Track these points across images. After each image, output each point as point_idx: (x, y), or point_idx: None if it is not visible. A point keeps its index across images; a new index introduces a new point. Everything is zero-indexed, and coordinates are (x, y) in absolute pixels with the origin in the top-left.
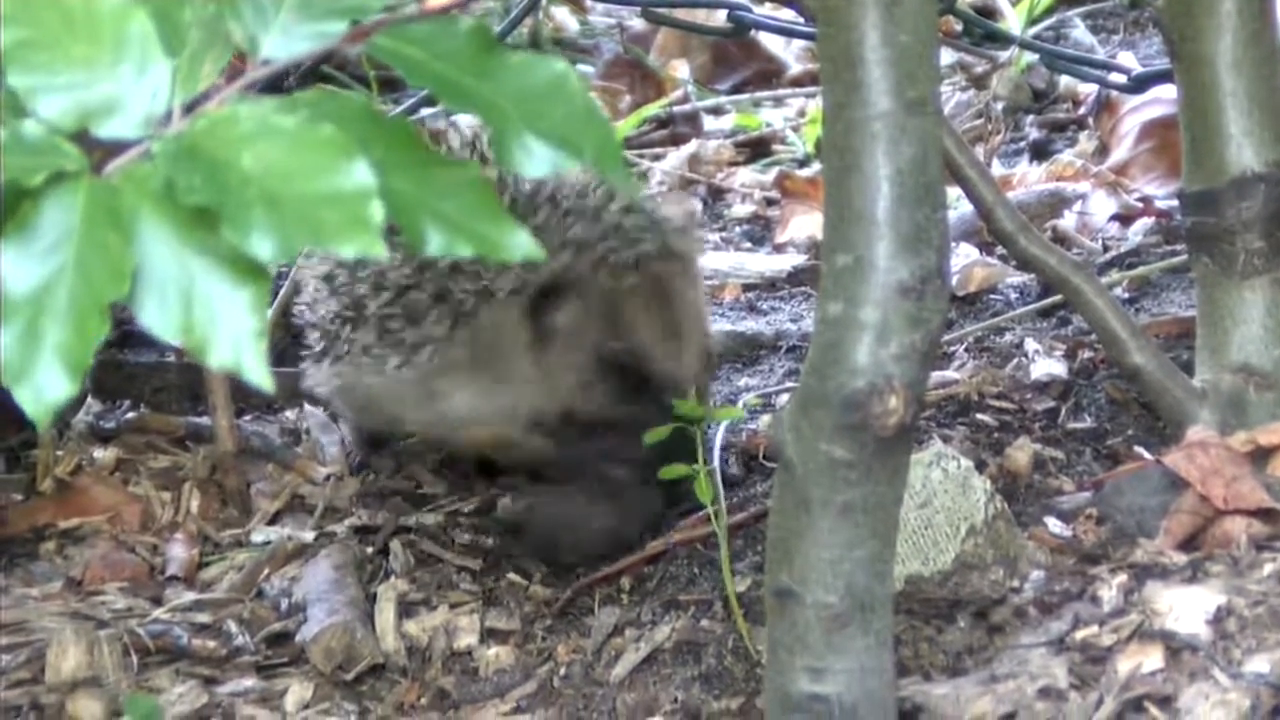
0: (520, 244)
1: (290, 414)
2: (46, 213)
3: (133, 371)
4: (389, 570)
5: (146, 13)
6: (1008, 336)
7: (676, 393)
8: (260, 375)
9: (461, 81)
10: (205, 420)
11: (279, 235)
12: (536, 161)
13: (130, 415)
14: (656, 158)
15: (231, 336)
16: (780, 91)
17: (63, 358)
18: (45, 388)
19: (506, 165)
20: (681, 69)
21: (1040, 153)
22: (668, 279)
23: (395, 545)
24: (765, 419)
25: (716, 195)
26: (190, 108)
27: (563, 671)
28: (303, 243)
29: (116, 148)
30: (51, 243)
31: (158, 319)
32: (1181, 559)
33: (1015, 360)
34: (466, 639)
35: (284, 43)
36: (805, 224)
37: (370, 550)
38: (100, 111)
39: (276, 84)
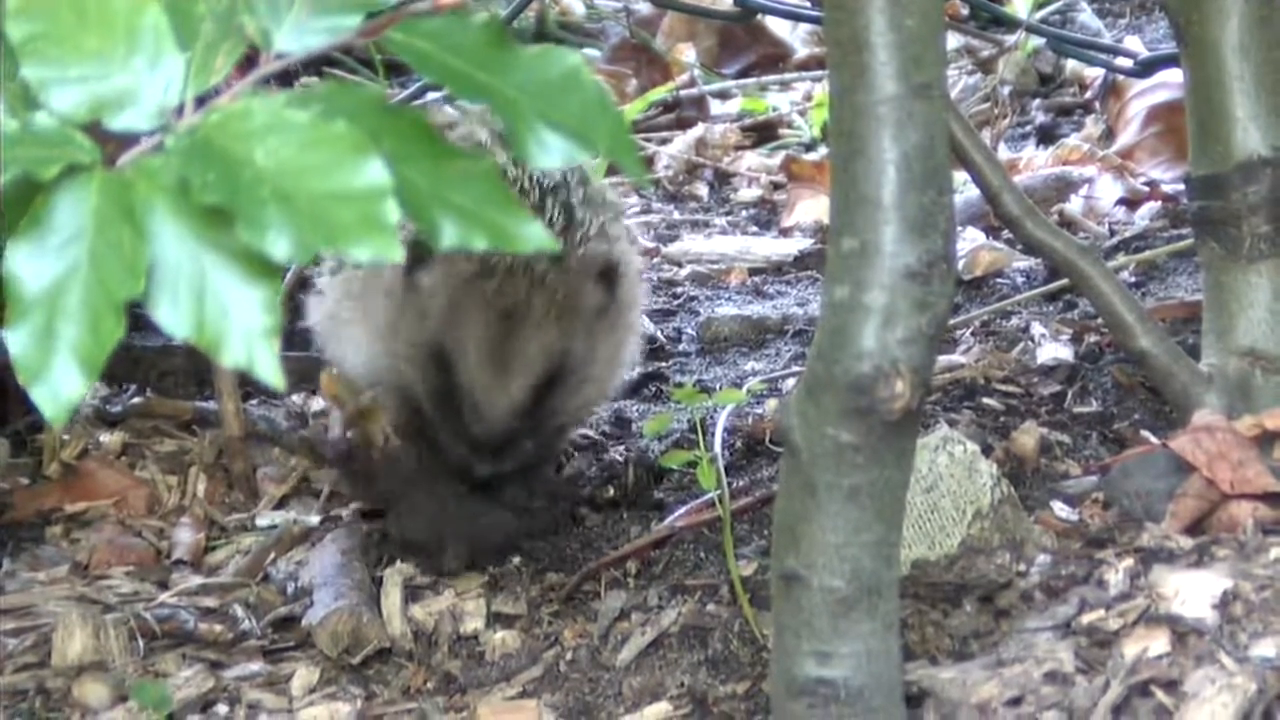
0: (533, 234)
1: (297, 398)
2: (60, 207)
3: (139, 356)
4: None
5: (160, 6)
6: (1014, 320)
7: (477, 422)
8: (272, 373)
9: (474, 75)
10: (212, 405)
11: (294, 235)
12: (550, 153)
13: (137, 400)
14: (663, 141)
15: (244, 334)
16: (787, 75)
17: (78, 357)
18: (62, 387)
19: (521, 157)
20: (688, 53)
21: (1047, 137)
22: (531, 310)
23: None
24: (771, 403)
25: (723, 179)
26: (203, 101)
27: (569, 655)
28: (318, 244)
29: (129, 140)
30: (65, 238)
31: (170, 315)
32: (1188, 543)
33: (1021, 344)
34: (473, 623)
35: (297, 37)
36: (811, 208)
37: (377, 535)
38: (113, 104)
39: (284, 70)
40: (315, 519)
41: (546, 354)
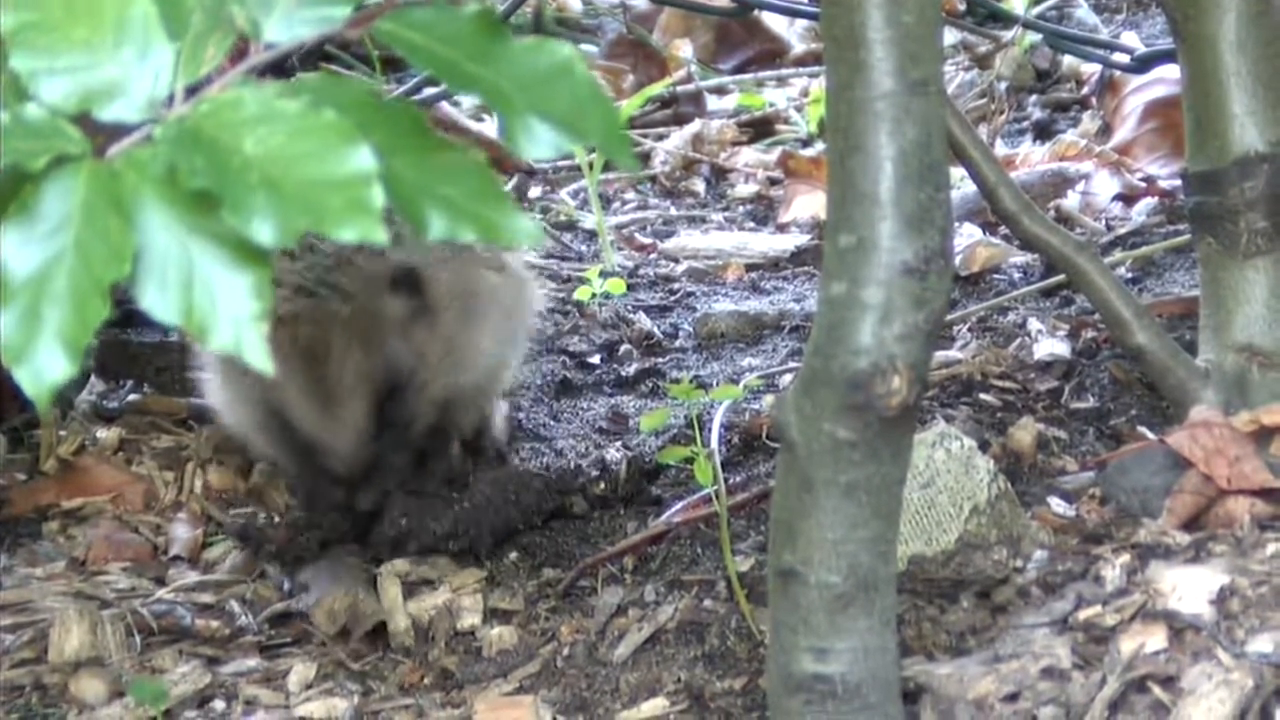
0: (521, 227)
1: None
2: (48, 196)
3: (136, 352)
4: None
5: None
6: (1011, 316)
7: (334, 460)
8: (260, 358)
9: (465, 66)
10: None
11: (280, 219)
12: (541, 144)
13: (133, 395)
14: (660, 137)
15: (231, 319)
16: (784, 71)
17: (62, 339)
18: (45, 369)
19: (512, 148)
20: (685, 48)
21: (1044, 132)
22: (332, 343)
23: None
24: (768, 399)
25: (720, 175)
26: (193, 91)
27: (566, 651)
28: (303, 226)
29: (118, 131)
30: (52, 226)
31: (158, 301)
32: (1185, 539)
33: (1018, 340)
34: (470, 619)
35: (286, 26)
36: (808, 204)
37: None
38: (102, 95)
39: (280, 65)
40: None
41: (363, 378)
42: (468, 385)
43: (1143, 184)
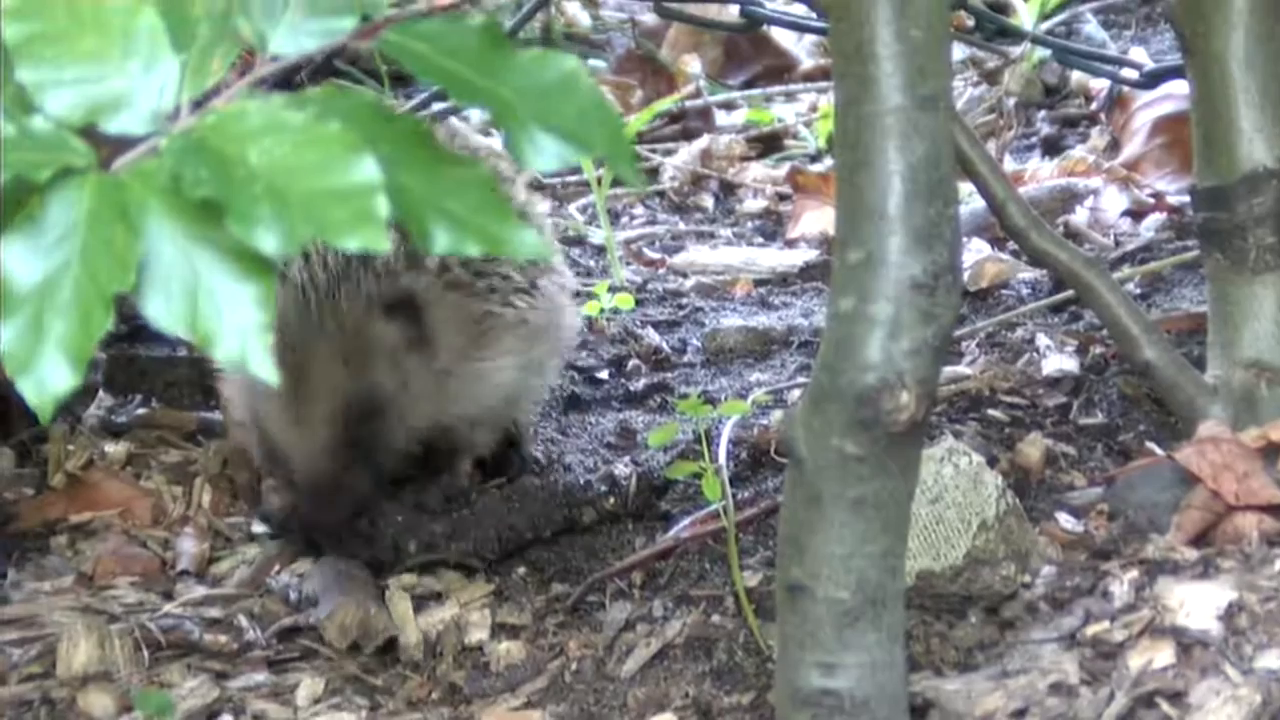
0: (526, 242)
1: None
2: (52, 207)
3: (144, 366)
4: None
5: (155, 8)
6: (1019, 332)
7: (297, 473)
8: (265, 369)
9: (471, 78)
10: (216, 415)
11: (284, 229)
12: (546, 156)
13: (141, 410)
14: (668, 152)
15: (237, 330)
16: (792, 86)
17: (66, 350)
18: (48, 379)
19: (517, 161)
20: (693, 64)
21: (1052, 148)
22: (313, 358)
23: (410, 546)
24: (777, 414)
25: (728, 190)
26: (199, 104)
27: (574, 666)
28: (308, 237)
29: (124, 143)
30: (57, 237)
31: (163, 312)
32: (1193, 554)
33: (1027, 356)
34: (478, 634)
35: (292, 39)
36: (817, 219)
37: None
38: (108, 107)
39: (288, 80)
40: None
41: (338, 397)
42: (473, 413)
43: (1151, 200)
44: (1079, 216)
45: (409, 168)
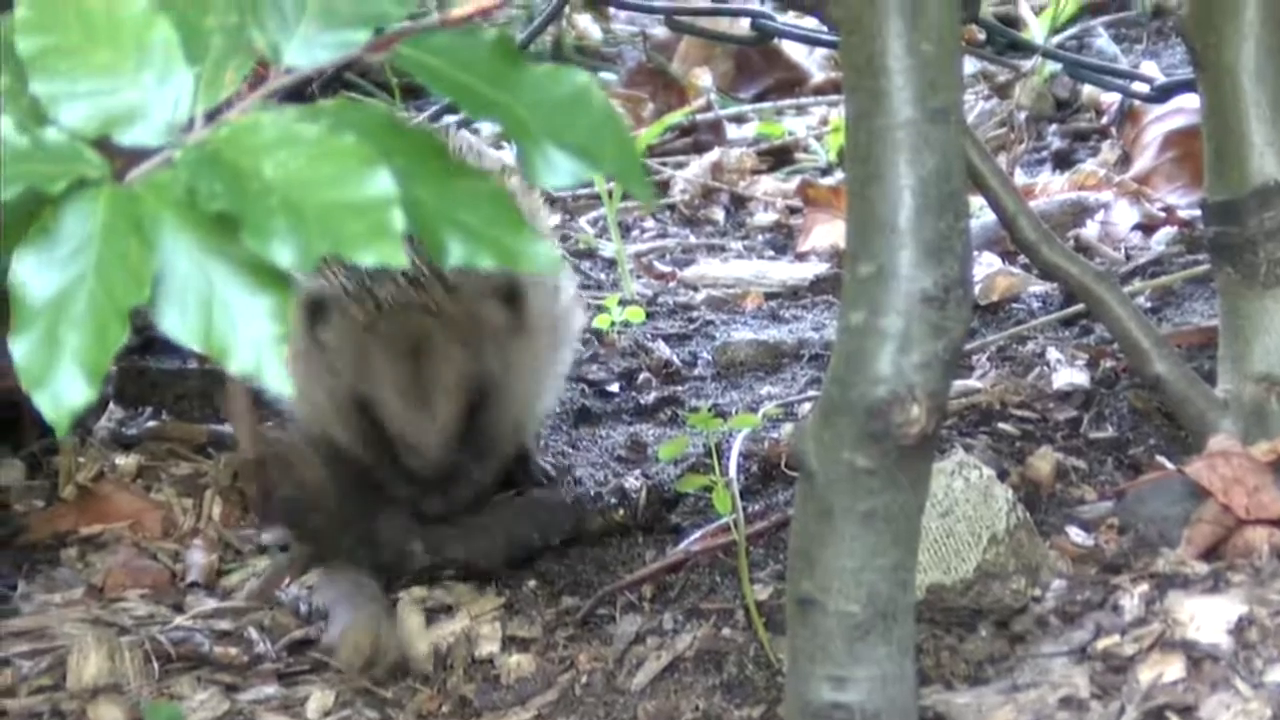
0: (541, 253)
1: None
2: (67, 219)
3: (155, 379)
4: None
5: (169, 20)
6: (1030, 345)
7: (413, 460)
8: (280, 381)
9: (484, 92)
10: (227, 427)
11: (299, 243)
12: (558, 172)
13: (152, 422)
14: (679, 166)
15: (252, 342)
16: (803, 100)
17: (82, 363)
18: (64, 393)
19: (529, 176)
20: (704, 77)
21: (1063, 162)
22: (434, 339)
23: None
24: (787, 428)
25: (739, 203)
26: (212, 116)
27: (584, 680)
28: (323, 250)
29: (138, 155)
30: (72, 250)
31: (178, 325)
32: (1203, 568)
33: (1037, 369)
34: (488, 647)
35: (306, 51)
36: (827, 232)
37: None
38: (122, 119)
39: (300, 92)
40: None
41: (461, 379)
42: (527, 419)
43: (1162, 213)
44: (1090, 230)
45: (423, 180)
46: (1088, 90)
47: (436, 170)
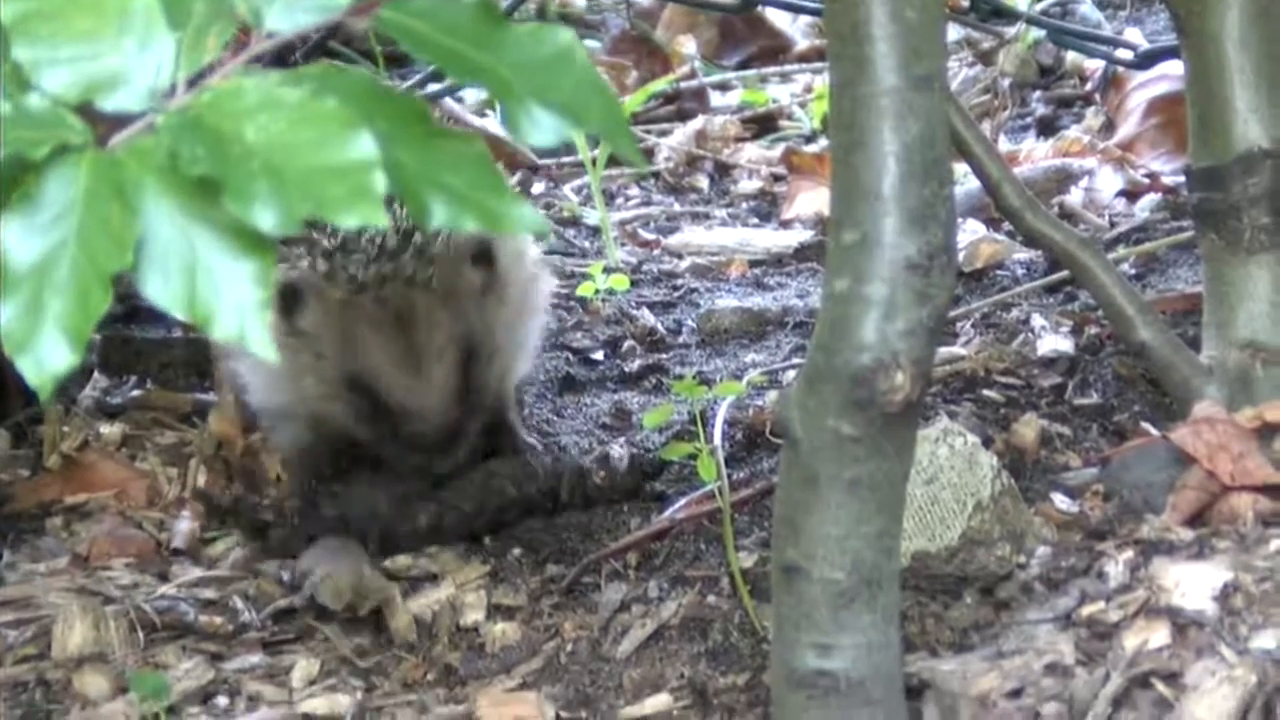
0: (523, 216)
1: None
2: (50, 185)
3: (139, 348)
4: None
5: None
6: (1014, 312)
7: (416, 427)
8: (263, 346)
9: (467, 54)
10: (212, 396)
11: (281, 206)
12: (543, 131)
13: (137, 391)
14: (663, 133)
15: (235, 307)
16: (787, 67)
17: (65, 328)
18: (47, 358)
19: (514, 136)
20: (688, 44)
21: (1047, 128)
22: (418, 306)
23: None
24: (772, 395)
25: (723, 171)
26: (194, 81)
27: (569, 647)
28: (305, 213)
29: (121, 121)
30: (54, 215)
31: (161, 291)
32: (1188, 535)
33: (1022, 336)
34: (473, 615)
35: (288, 15)
36: (812, 200)
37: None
38: (104, 85)
39: (284, 61)
40: None
41: (449, 340)
42: (511, 374)
43: (1146, 180)
44: (1074, 197)
45: (405, 144)
46: (1071, 57)
47: (419, 134)
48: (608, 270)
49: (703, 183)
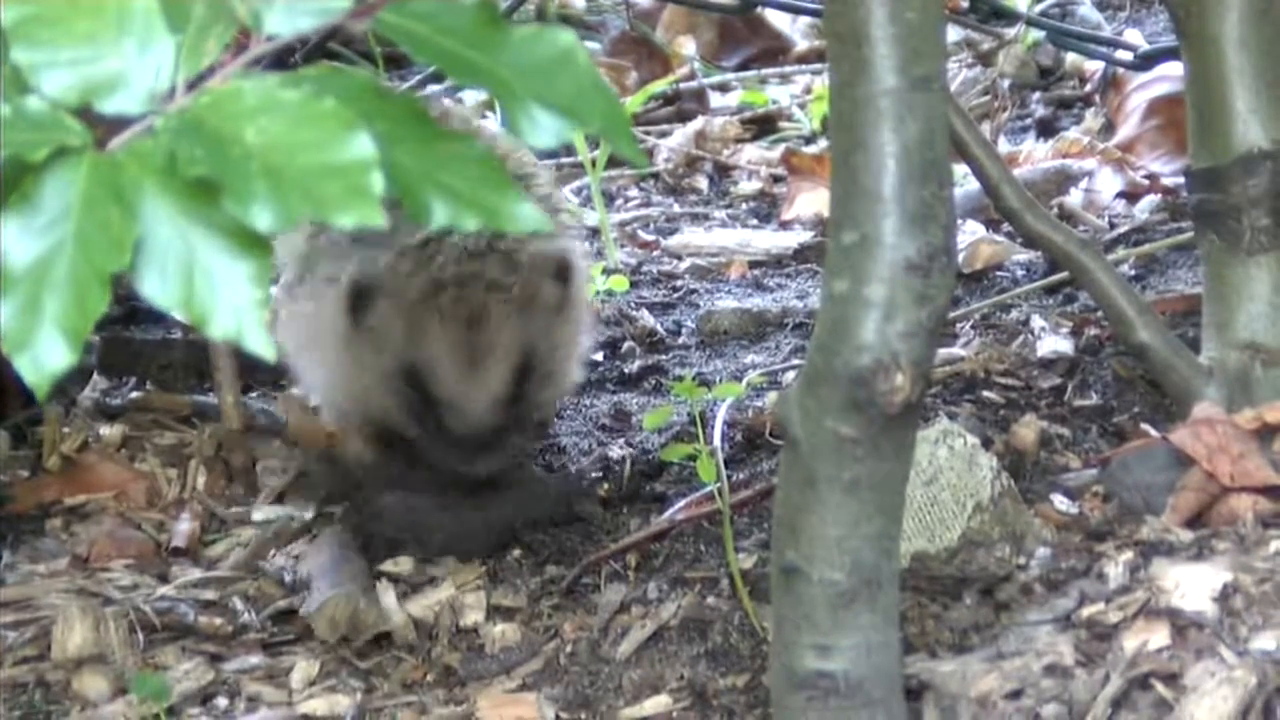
0: (525, 215)
1: (296, 390)
2: (48, 187)
3: (139, 349)
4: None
5: None
6: (1014, 313)
7: (462, 424)
8: (261, 345)
9: (467, 56)
10: (211, 398)
11: (280, 206)
12: (543, 132)
13: (136, 393)
14: (663, 134)
15: (232, 307)
16: (787, 68)
17: (62, 328)
18: (45, 357)
19: (515, 137)
20: (688, 45)
21: (1047, 129)
22: (492, 310)
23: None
24: (771, 396)
25: (723, 172)
26: (194, 84)
27: (569, 648)
28: (304, 213)
29: (120, 123)
30: (53, 216)
31: (159, 290)
32: (1188, 536)
33: (1021, 337)
34: (473, 616)
35: (288, 18)
36: (811, 201)
37: (364, 535)
38: (104, 87)
39: (282, 61)
40: (311, 513)
41: (513, 350)
42: (563, 391)
43: (1146, 181)
44: (1074, 198)
45: (405, 144)
46: (1071, 58)
47: (418, 134)
48: (607, 271)
49: (702, 184)
